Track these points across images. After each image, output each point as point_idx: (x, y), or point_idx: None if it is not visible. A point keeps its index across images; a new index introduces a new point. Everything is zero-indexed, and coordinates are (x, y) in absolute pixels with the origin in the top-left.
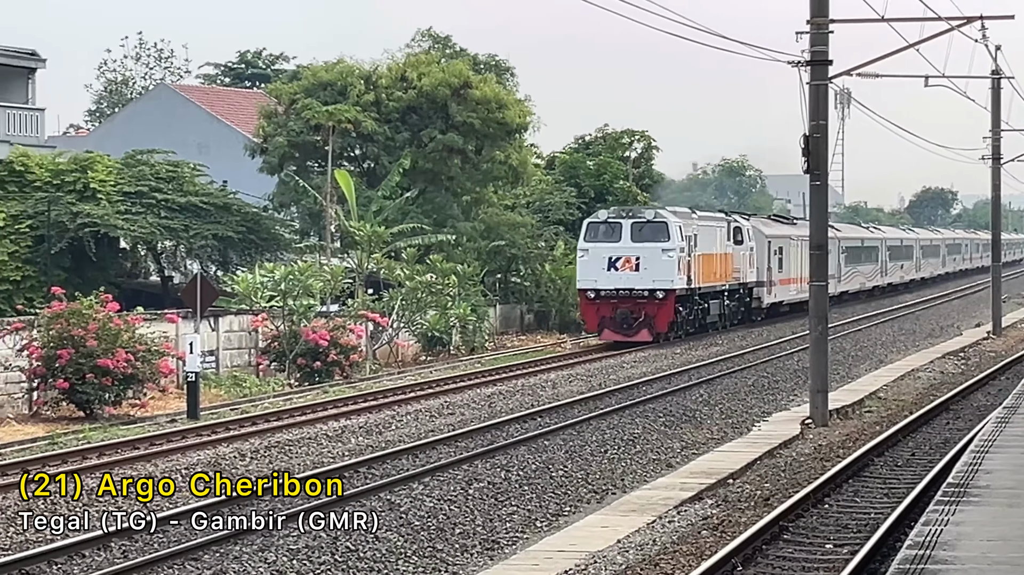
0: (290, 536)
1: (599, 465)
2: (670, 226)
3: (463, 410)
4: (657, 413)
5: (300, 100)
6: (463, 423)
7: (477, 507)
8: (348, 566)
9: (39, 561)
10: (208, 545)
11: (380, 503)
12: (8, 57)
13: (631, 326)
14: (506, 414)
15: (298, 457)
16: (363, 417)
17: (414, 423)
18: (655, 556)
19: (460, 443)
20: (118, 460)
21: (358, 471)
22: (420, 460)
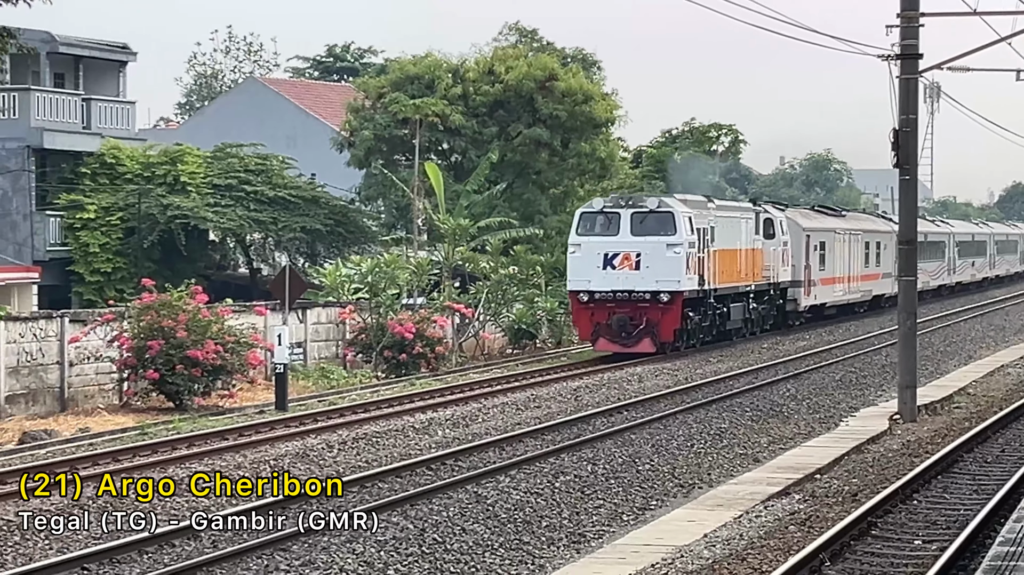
0: (378, 527)
1: (685, 459)
2: (677, 217)
3: (549, 403)
4: (744, 407)
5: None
6: (549, 416)
7: (563, 500)
8: (435, 558)
9: (130, 550)
10: (296, 535)
11: (467, 495)
12: (100, 50)
13: (630, 335)
14: (592, 407)
15: (385, 449)
16: (449, 410)
17: (500, 416)
18: (742, 551)
19: (546, 436)
20: (207, 451)
21: (445, 463)
22: (507, 453)
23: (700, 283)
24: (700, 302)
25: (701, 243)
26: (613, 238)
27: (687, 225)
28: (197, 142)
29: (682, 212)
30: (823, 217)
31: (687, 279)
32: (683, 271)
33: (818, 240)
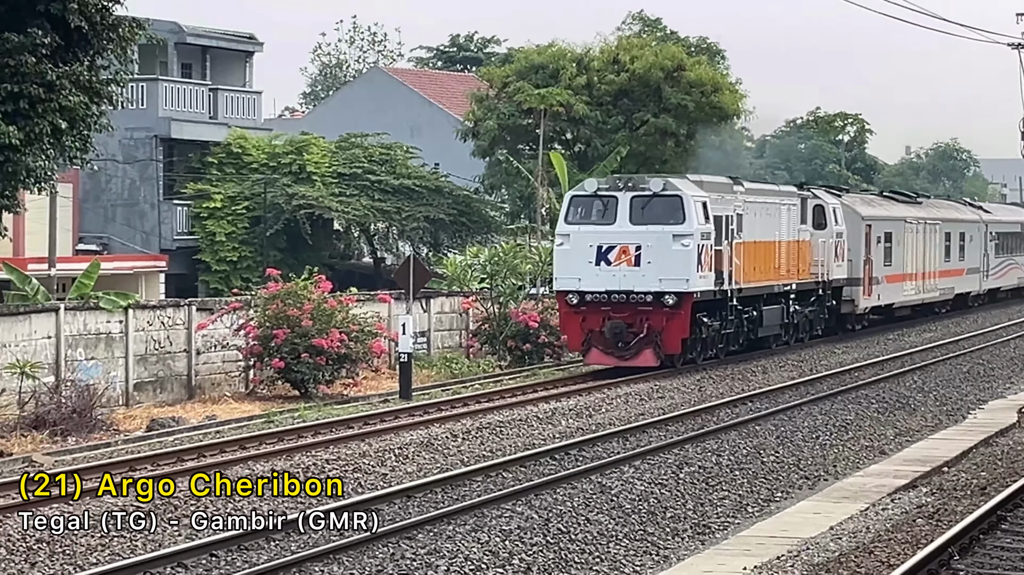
0: (502, 516)
1: (811, 451)
2: (686, 202)
3: (672, 394)
4: (870, 399)
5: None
6: (673, 407)
7: (688, 491)
8: (560, 548)
9: (257, 537)
10: (422, 524)
11: (591, 486)
12: (227, 41)
13: (627, 345)
14: (716, 398)
15: (508, 438)
16: (572, 399)
17: (623, 406)
18: (869, 544)
19: (670, 427)
20: (332, 439)
21: (568, 453)
22: (630, 443)
23: (719, 282)
24: (719, 305)
25: (723, 233)
26: (608, 227)
27: (699, 212)
28: (322, 132)
29: (693, 196)
30: (891, 204)
31: (699, 277)
32: (693, 268)
33: (882, 231)
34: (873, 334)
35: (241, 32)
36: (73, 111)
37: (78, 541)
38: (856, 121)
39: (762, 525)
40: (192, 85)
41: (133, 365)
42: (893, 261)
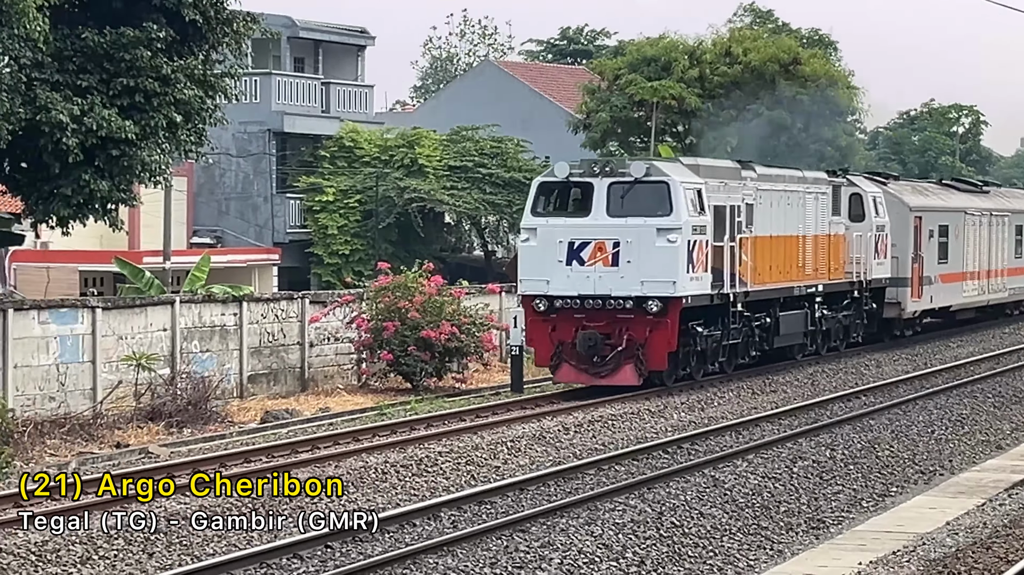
0: (615, 510)
1: (926, 445)
2: (673, 190)
3: (785, 388)
4: (986, 394)
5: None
6: (786, 401)
7: (801, 485)
8: (673, 541)
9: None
10: (535, 517)
11: (704, 479)
12: (339, 35)
13: (604, 359)
14: (829, 392)
15: (620, 431)
16: (684, 395)
17: (736, 400)
18: (986, 539)
19: (783, 421)
20: (445, 432)
21: (681, 447)
22: (743, 437)
23: (718, 284)
24: (720, 311)
25: (726, 226)
26: (582, 220)
27: (691, 201)
28: (433, 125)
29: (683, 183)
30: (948, 193)
31: (690, 279)
32: (682, 268)
33: (935, 223)
34: (927, 341)
35: (353, 26)
36: (188, 105)
37: (196, 533)
38: (971, 113)
39: (877, 520)
40: (304, 79)
41: (247, 357)
42: (949, 257)
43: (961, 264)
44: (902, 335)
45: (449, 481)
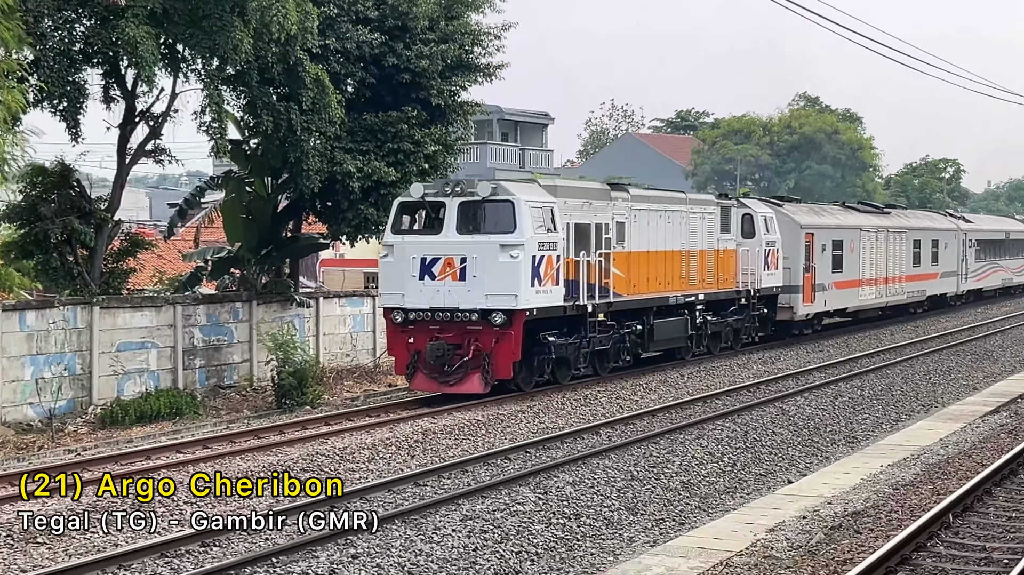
0: (715, 429)
1: (925, 388)
2: (518, 208)
3: (829, 348)
4: (966, 353)
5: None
6: (829, 357)
7: (841, 414)
8: (754, 450)
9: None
10: (662, 434)
11: (774, 410)
12: (530, 117)
13: (453, 368)
14: (859, 352)
15: (719, 377)
16: (759, 353)
17: (795, 356)
18: (967, 450)
19: (828, 371)
20: None
21: (759, 387)
22: (800, 382)
23: (573, 296)
24: (576, 322)
25: (591, 242)
26: (434, 237)
27: (538, 219)
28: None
29: (529, 201)
30: (847, 213)
31: (536, 292)
32: (524, 282)
33: (829, 239)
34: (826, 338)
35: (540, 111)
36: (433, 159)
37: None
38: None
39: (892, 437)
40: (508, 146)
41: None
42: (845, 267)
43: (858, 272)
44: (800, 334)
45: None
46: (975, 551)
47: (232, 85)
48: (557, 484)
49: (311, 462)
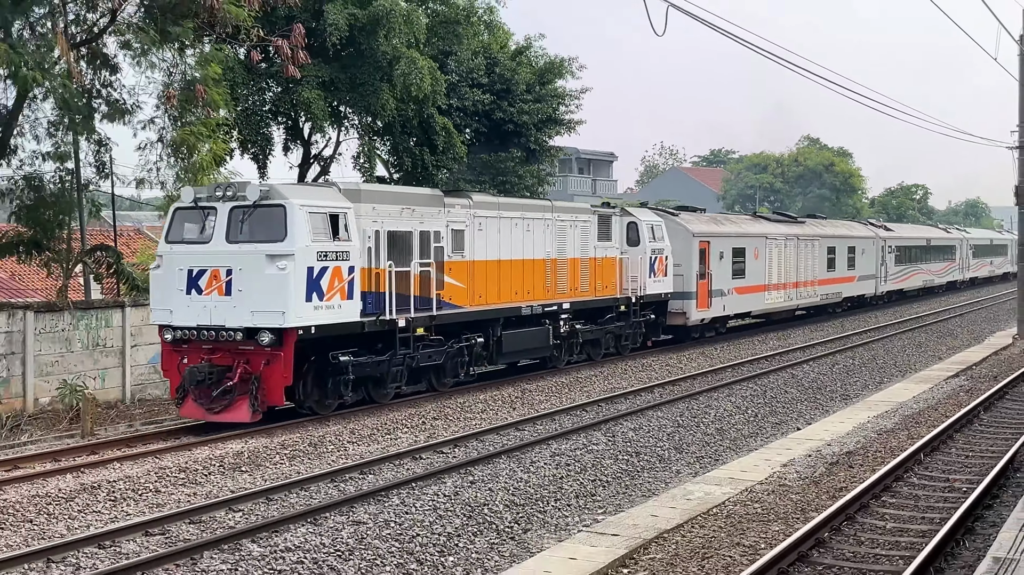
0: (742, 390)
1: (903, 357)
2: (290, 214)
3: (827, 328)
4: (932, 331)
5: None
6: (827, 335)
7: (837, 378)
8: (771, 406)
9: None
10: (699, 393)
11: (786, 374)
12: (600, 156)
13: (218, 393)
14: (852, 331)
15: (743, 350)
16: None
17: (802, 334)
18: (935, 404)
19: (827, 346)
20: None
21: (774, 358)
22: (808, 354)
23: (377, 310)
24: (385, 338)
25: (410, 252)
26: (202, 247)
27: (315, 226)
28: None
29: (307, 207)
30: (752, 223)
31: (313, 308)
32: (296, 296)
33: (728, 247)
34: (710, 344)
35: (607, 151)
36: (530, 189)
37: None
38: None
39: (877, 395)
40: (584, 178)
41: None
42: (749, 274)
43: (764, 278)
44: (701, 337)
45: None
46: (940, 482)
47: (380, 135)
48: (620, 429)
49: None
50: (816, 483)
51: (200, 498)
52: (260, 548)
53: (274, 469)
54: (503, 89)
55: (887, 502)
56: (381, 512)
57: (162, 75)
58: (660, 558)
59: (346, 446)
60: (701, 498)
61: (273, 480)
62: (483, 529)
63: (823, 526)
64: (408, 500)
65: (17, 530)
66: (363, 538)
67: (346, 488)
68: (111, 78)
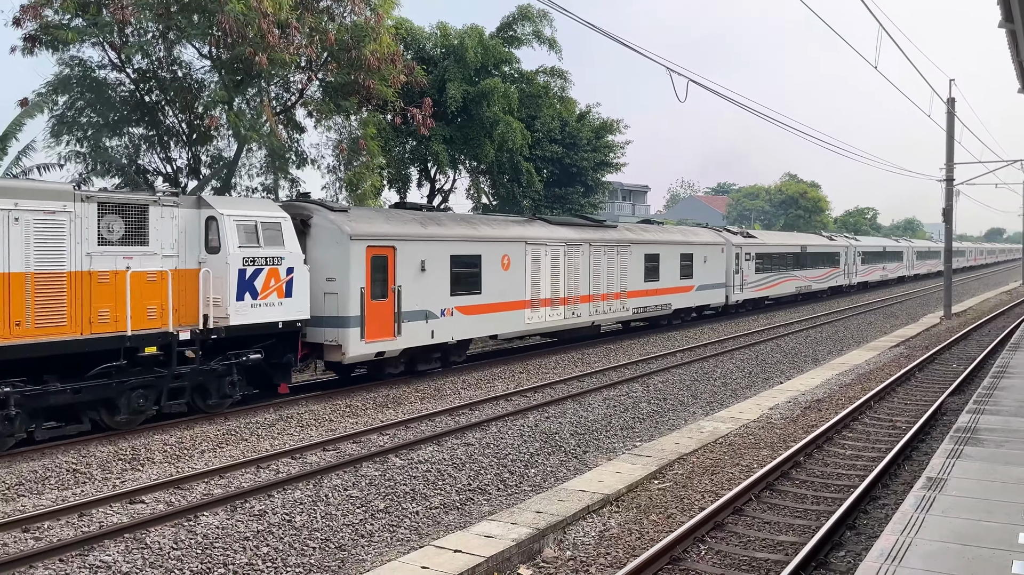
0: (739, 355)
1: (859, 332)
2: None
3: (814, 307)
4: (879, 313)
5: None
6: (809, 312)
7: (811, 346)
8: (763, 366)
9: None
10: (716, 355)
11: (772, 344)
12: (638, 188)
13: None
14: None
15: (757, 325)
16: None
17: (774, 317)
18: (882, 367)
19: (807, 324)
20: None
21: (764, 333)
22: (790, 328)
23: None
24: None
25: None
26: None
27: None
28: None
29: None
30: (505, 225)
31: None
32: None
33: (443, 254)
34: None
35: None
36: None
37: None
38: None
39: (838, 359)
40: (626, 203)
41: None
42: (489, 287)
43: (523, 292)
44: (380, 377)
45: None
46: (886, 422)
47: (484, 175)
48: (654, 382)
49: None
50: (794, 422)
51: (360, 425)
52: (400, 460)
53: (410, 406)
54: (570, 143)
55: (847, 436)
56: (484, 437)
57: (335, 134)
58: (681, 473)
59: (460, 391)
60: (710, 431)
61: (409, 414)
62: (555, 450)
63: (799, 453)
64: (502, 429)
65: (236, 445)
66: (472, 455)
67: (459, 420)
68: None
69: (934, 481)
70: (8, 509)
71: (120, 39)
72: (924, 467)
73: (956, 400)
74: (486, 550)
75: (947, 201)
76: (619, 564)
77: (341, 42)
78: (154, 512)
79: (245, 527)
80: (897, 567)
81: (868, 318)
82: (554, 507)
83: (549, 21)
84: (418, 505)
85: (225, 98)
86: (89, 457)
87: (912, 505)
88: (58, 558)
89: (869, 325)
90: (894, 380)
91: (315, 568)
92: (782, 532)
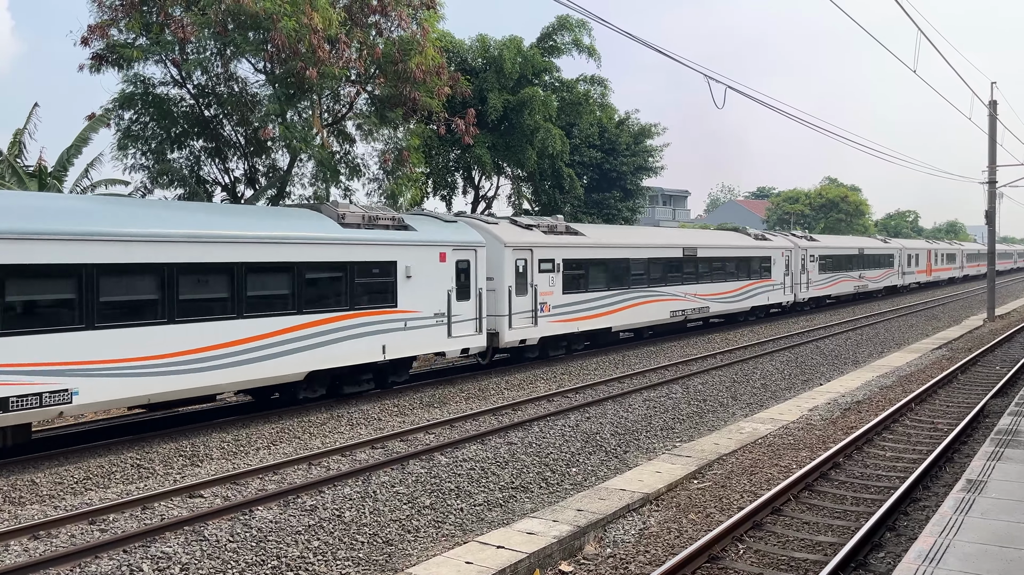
0: (779, 357)
1: (899, 334)
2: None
3: (854, 310)
4: (920, 316)
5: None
6: (842, 318)
7: (852, 348)
8: (801, 370)
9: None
10: (749, 358)
11: (812, 347)
12: (678, 193)
13: None
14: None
15: (783, 329)
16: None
17: (822, 317)
18: (923, 369)
19: (846, 326)
20: None
21: (802, 335)
22: (826, 331)
23: None
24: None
25: None
26: None
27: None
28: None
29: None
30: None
31: None
32: None
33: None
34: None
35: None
36: (624, 218)
37: None
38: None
39: (879, 361)
40: (666, 208)
41: None
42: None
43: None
44: (519, 360)
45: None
46: (927, 424)
47: (525, 180)
48: (694, 383)
49: None
50: (834, 423)
51: (407, 424)
52: (446, 459)
53: (455, 406)
54: (610, 148)
55: (887, 438)
56: (526, 436)
57: (381, 145)
58: (720, 473)
59: (503, 391)
60: (750, 432)
61: (455, 413)
62: (596, 450)
63: (839, 454)
64: (544, 429)
65: (289, 443)
66: (514, 454)
67: (503, 419)
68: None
69: (974, 483)
70: (76, 502)
71: (181, 56)
72: (964, 469)
73: (999, 403)
74: (528, 546)
75: (990, 203)
76: (658, 562)
77: (388, 55)
78: (212, 506)
79: (297, 521)
80: (935, 568)
81: (909, 320)
82: (595, 505)
83: (588, 30)
84: (462, 502)
85: (278, 111)
86: (152, 453)
87: (951, 507)
88: (122, 549)
89: (910, 327)
90: (936, 382)
91: (363, 562)
92: (821, 532)
